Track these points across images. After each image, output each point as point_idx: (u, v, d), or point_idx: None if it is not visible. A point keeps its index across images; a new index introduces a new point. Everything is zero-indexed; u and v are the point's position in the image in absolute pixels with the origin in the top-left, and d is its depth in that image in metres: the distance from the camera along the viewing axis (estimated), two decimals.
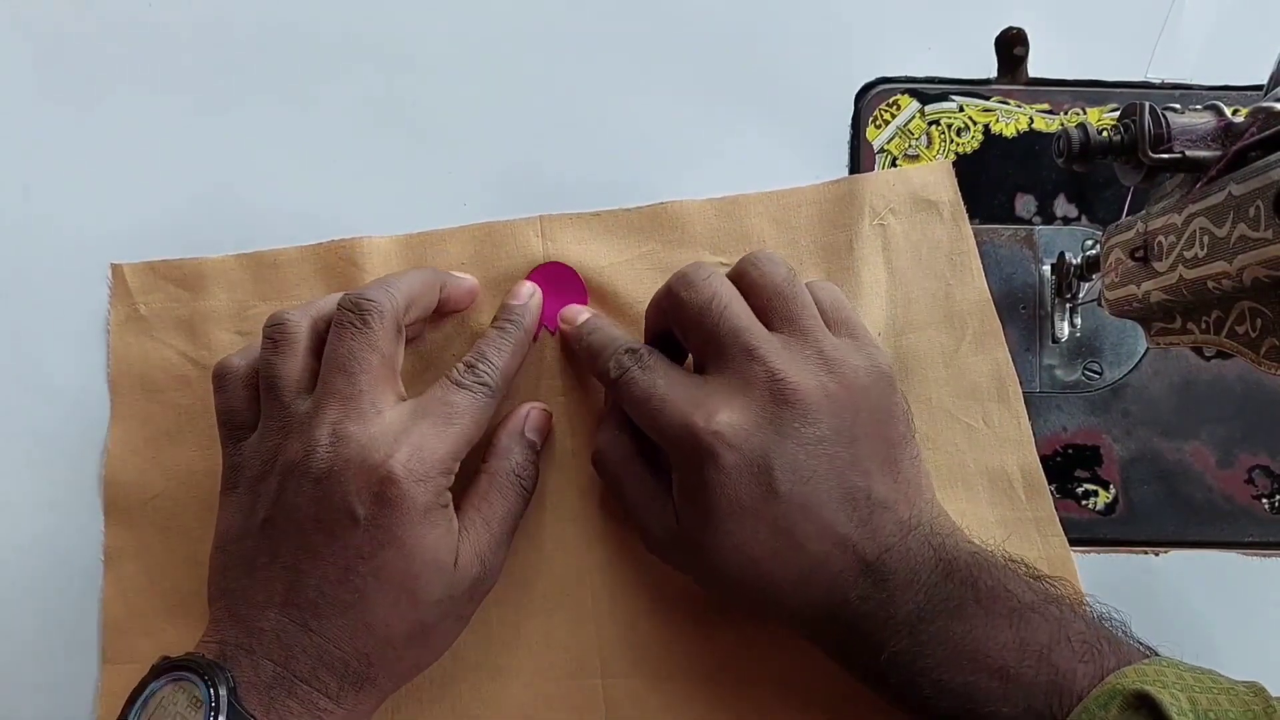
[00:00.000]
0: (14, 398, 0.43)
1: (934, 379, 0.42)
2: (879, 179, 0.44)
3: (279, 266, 0.43)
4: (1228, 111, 0.31)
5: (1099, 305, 0.38)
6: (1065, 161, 0.32)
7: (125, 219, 0.44)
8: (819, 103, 0.46)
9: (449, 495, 0.36)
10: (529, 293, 0.41)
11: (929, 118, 0.45)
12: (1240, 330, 0.30)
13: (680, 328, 0.37)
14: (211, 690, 0.32)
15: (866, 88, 0.46)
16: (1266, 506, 0.43)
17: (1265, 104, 0.29)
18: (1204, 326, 0.32)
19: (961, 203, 0.43)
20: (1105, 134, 0.31)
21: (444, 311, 0.41)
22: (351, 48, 0.46)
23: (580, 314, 0.40)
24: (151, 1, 0.46)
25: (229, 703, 0.31)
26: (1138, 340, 0.44)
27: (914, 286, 0.43)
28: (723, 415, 0.34)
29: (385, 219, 0.43)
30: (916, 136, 0.45)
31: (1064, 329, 0.43)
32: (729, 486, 0.33)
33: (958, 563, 0.33)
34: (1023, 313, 0.44)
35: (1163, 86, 0.46)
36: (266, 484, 0.35)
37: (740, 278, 0.37)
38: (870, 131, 0.45)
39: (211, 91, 0.45)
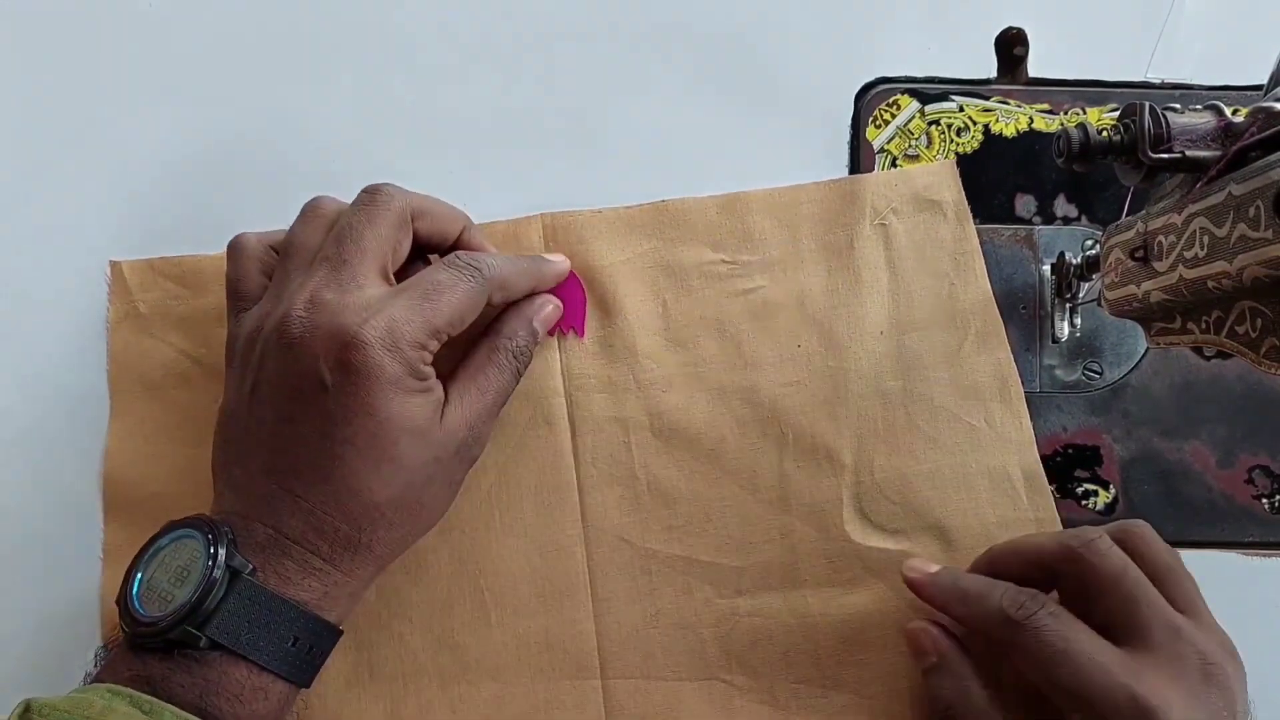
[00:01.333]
0: (14, 398, 0.43)
1: (936, 378, 0.42)
2: (880, 179, 0.44)
3: None
4: (1228, 111, 0.31)
5: (1099, 305, 0.38)
6: (1065, 161, 0.32)
7: (125, 218, 0.44)
8: (819, 102, 0.46)
9: (429, 368, 0.35)
10: (560, 258, 0.41)
11: (929, 118, 0.45)
12: (1240, 330, 0.30)
13: (1085, 590, 0.35)
14: (211, 542, 0.32)
15: (866, 88, 0.46)
16: (1266, 506, 0.43)
17: (1265, 104, 0.29)
18: (1204, 326, 0.32)
19: (965, 202, 0.44)
20: (1105, 134, 0.31)
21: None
22: (351, 47, 0.46)
23: (928, 564, 0.38)
24: (153, 1, 0.46)
25: (228, 553, 0.32)
26: (1138, 340, 0.44)
27: (916, 286, 0.43)
28: (1168, 693, 0.32)
29: None
30: (916, 136, 0.45)
31: (1064, 329, 0.43)
32: None
33: None
34: (1023, 313, 0.44)
35: (1163, 86, 0.46)
36: (254, 352, 0.35)
37: (1127, 548, 0.36)
38: (870, 131, 0.45)
39: (211, 90, 0.45)
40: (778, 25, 0.46)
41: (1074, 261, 0.41)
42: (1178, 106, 0.31)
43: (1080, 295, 0.42)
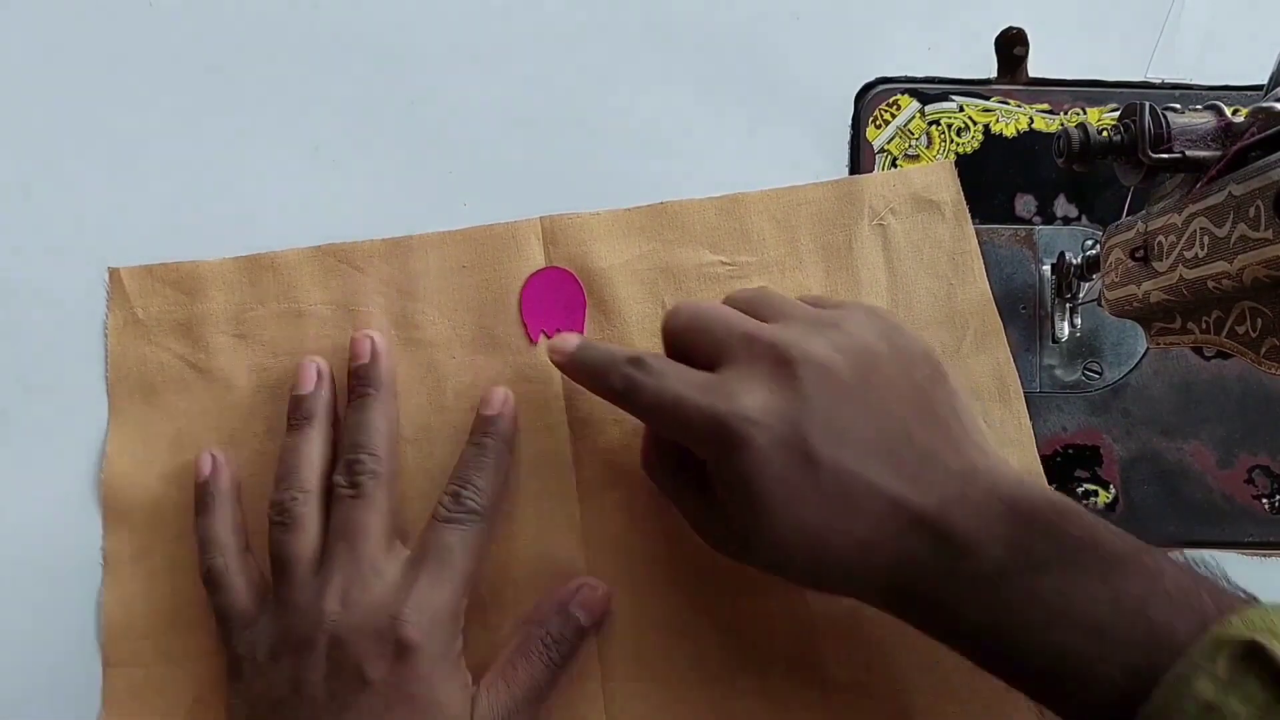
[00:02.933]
0: (15, 397, 0.43)
1: None
2: (879, 179, 0.44)
3: (277, 269, 0.43)
4: (1228, 111, 0.31)
5: (1099, 305, 0.38)
6: (1065, 161, 0.32)
7: (124, 220, 0.44)
8: (819, 102, 0.46)
9: (459, 643, 0.36)
10: (501, 400, 0.40)
11: (929, 118, 0.45)
12: (1240, 330, 0.30)
13: (685, 351, 0.36)
14: None
15: (866, 88, 0.46)
16: (1266, 506, 0.43)
17: (1265, 104, 0.29)
18: (1204, 326, 0.32)
19: (964, 202, 0.44)
20: (1105, 134, 0.31)
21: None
22: (351, 47, 0.46)
23: (569, 340, 0.38)
24: (153, 1, 0.46)
25: None
26: (1138, 340, 0.44)
27: (915, 286, 0.43)
28: (744, 399, 0.32)
29: (385, 219, 0.43)
30: (916, 136, 0.45)
31: (1064, 329, 0.43)
32: (769, 467, 0.32)
33: (1037, 512, 0.31)
34: (1023, 313, 0.44)
35: (1163, 86, 0.46)
36: (279, 665, 0.35)
37: (726, 302, 0.37)
38: (870, 131, 0.45)
39: (209, 91, 0.45)
40: (777, 26, 0.46)
41: (1074, 261, 0.41)
42: (1178, 106, 0.31)
43: (1080, 295, 0.42)
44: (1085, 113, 0.45)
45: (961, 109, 0.45)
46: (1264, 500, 0.43)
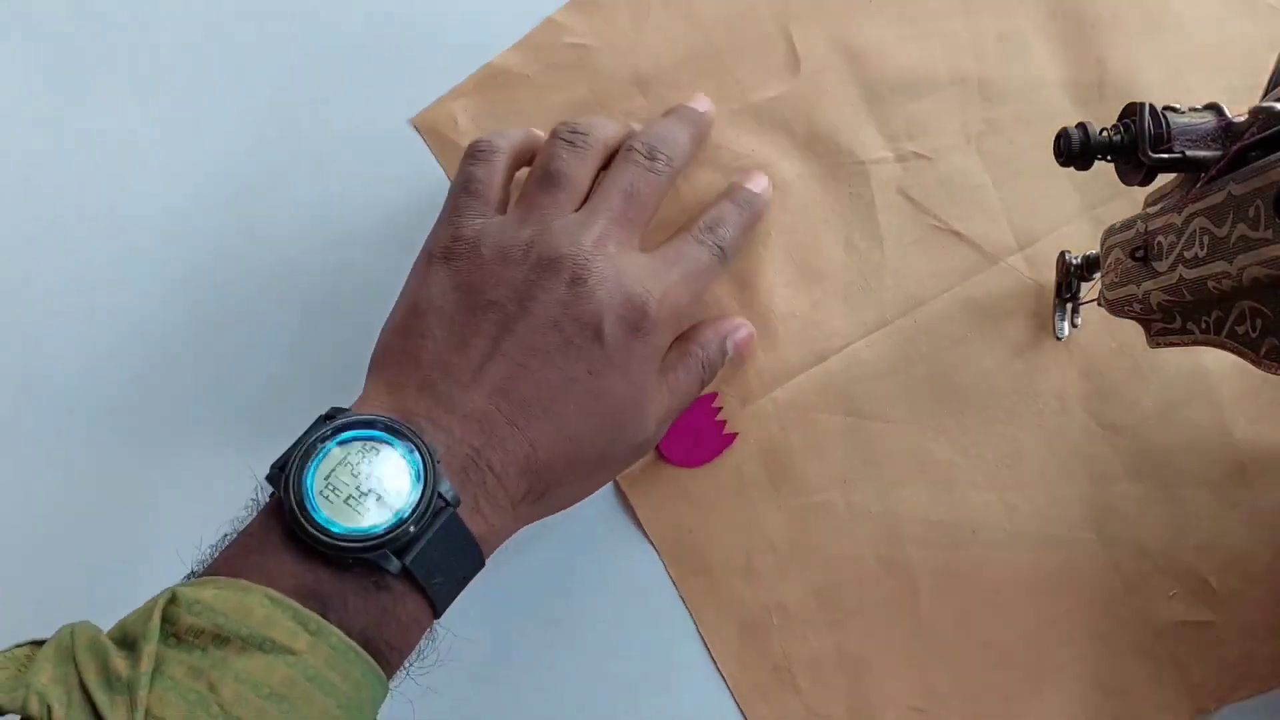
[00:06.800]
0: (14, 398, 0.43)
1: None
2: None
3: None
4: (1228, 111, 0.31)
5: (1099, 305, 0.38)
6: (1065, 161, 0.32)
7: (125, 216, 0.44)
8: None
9: (665, 348, 0.37)
10: (764, 185, 0.41)
11: None
12: (1240, 330, 0.30)
13: None
14: (424, 462, 0.30)
15: None
16: None
17: (1265, 104, 0.29)
18: (1204, 326, 0.32)
19: None
20: (1105, 134, 0.31)
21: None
22: (351, 45, 0.46)
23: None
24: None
25: (437, 477, 0.30)
26: None
27: None
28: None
29: (383, 222, 0.43)
30: None
31: (1064, 328, 0.43)
32: None
33: None
34: None
35: None
36: (505, 268, 0.34)
37: None
38: None
39: (208, 89, 0.45)
40: None
41: (1074, 261, 0.41)
42: (1178, 106, 0.31)
43: (1080, 295, 0.42)
44: None
45: None
46: None
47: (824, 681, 0.41)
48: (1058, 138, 0.32)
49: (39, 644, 0.27)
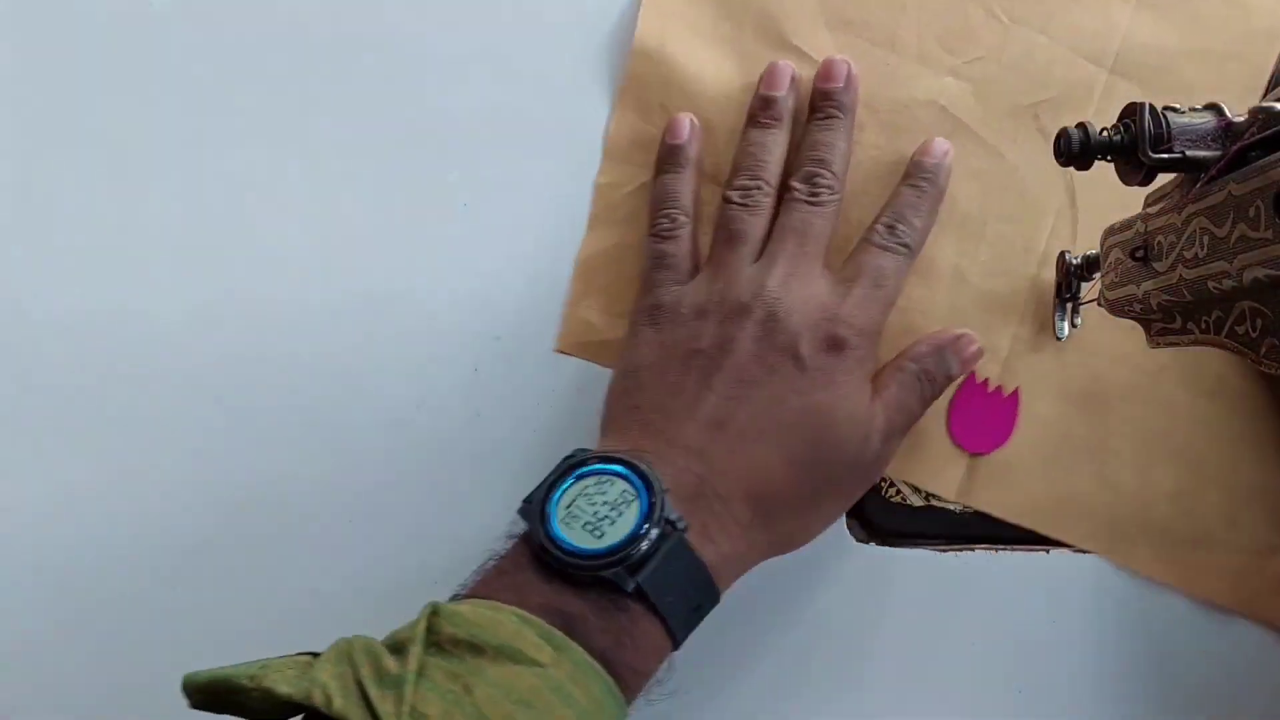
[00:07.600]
0: (14, 398, 0.43)
1: None
2: None
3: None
4: (1228, 111, 0.31)
5: (1099, 305, 0.38)
6: (1065, 161, 0.32)
7: (126, 218, 0.44)
8: None
9: (874, 363, 0.38)
10: (943, 151, 0.41)
11: None
12: (1240, 330, 0.30)
13: None
14: (648, 487, 0.33)
15: None
16: None
17: (1265, 104, 0.29)
18: (1204, 326, 0.32)
19: None
20: (1105, 133, 0.31)
21: None
22: (350, 47, 0.46)
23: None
24: (152, 1, 0.46)
25: (661, 504, 0.32)
26: None
27: None
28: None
29: (383, 222, 0.44)
30: None
31: (1064, 328, 0.43)
32: None
33: None
34: None
35: None
36: (705, 322, 0.37)
37: None
38: None
39: (209, 91, 0.45)
40: None
41: (1074, 261, 0.41)
42: (1178, 106, 0.31)
43: (1080, 295, 0.42)
44: None
45: None
46: None
47: None
48: (1058, 138, 0.32)
49: (314, 655, 0.30)
